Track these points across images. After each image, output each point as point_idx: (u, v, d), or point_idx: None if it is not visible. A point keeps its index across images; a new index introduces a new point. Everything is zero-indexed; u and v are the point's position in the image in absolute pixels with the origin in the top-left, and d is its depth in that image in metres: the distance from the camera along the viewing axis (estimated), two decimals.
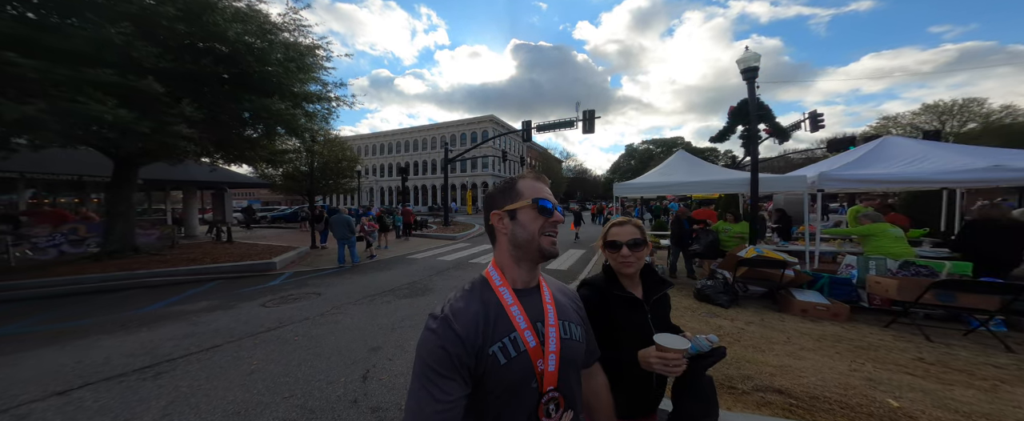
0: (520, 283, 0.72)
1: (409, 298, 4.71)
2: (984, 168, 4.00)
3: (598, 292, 0.99)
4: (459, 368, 0.60)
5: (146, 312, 4.11)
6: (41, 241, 6.58)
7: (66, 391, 2.35)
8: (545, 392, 0.66)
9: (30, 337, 3.34)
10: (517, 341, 0.65)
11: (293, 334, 3.37)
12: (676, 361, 0.79)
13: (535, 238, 0.68)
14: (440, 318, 0.63)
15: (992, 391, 2.11)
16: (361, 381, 2.46)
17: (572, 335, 0.73)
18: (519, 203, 0.70)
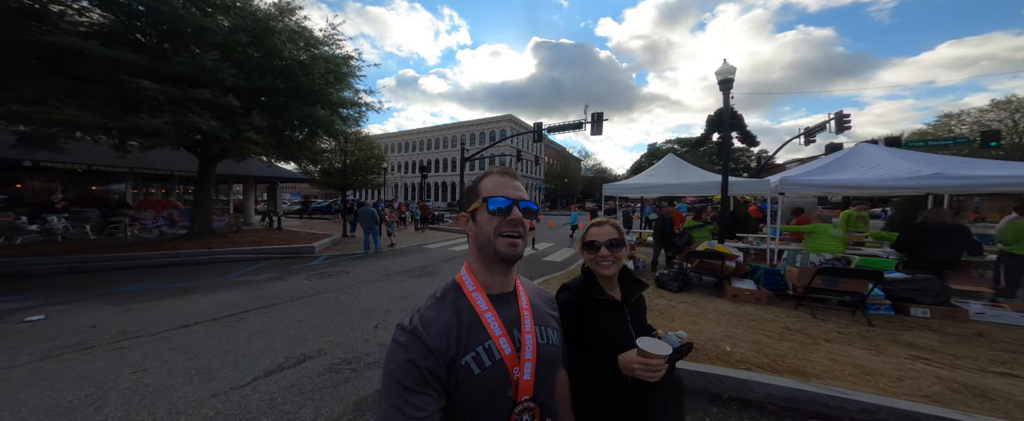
0: (495, 288, 0.68)
1: (418, 278, 5.80)
2: (926, 176, 4.28)
3: (577, 296, 0.97)
4: (431, 381, 0.56)
5: (225, 279, 5.51)
6: (148, 223, 8.49)
7: (187, 325, 3.59)
8: (520, 401, 0.63)
9: (153, 292, 4.78)
10: (492, 349, 0.62)
11: (328, 299, 4.53)
12: (658, 366, 0.78)
13: (491, 240, 0.64)
14: (408, 330, 0.59)
15: (805, 346, 2.75)
16: (373, 329, 3.51)
17: (549, 340, 0.71)
18: (476, 203, 0.66)
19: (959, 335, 3.06)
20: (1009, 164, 4.41)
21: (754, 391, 2.13)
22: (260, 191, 16.20)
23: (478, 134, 41.01)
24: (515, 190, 0.66)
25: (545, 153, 48.34)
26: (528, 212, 0.66)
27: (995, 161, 4.84)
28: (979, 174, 4.16)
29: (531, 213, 0.67)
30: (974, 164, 4.60)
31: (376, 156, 18.78)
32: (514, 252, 0.64)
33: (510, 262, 0.66)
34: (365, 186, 19.79)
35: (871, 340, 2.94)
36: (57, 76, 5.58)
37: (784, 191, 5.37)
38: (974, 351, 2.71)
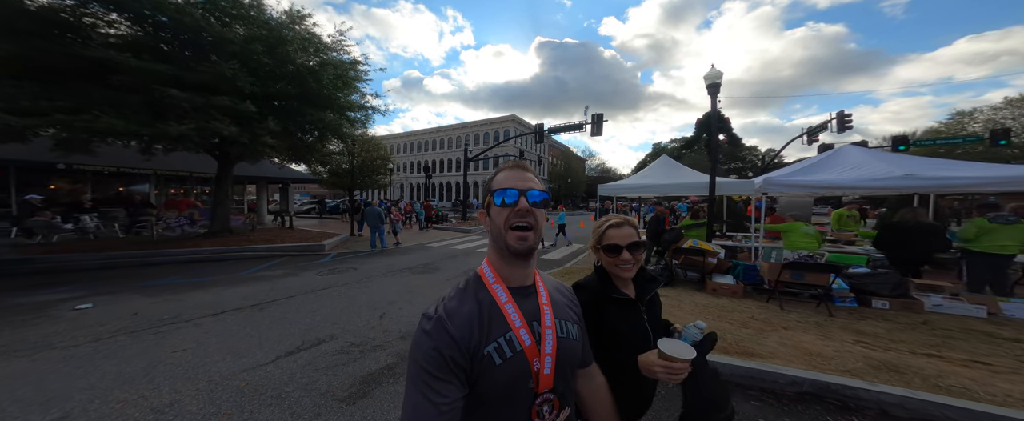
0: (514, 281, 0.69)
1: (421, 274, 6.21)
2: (899, 177, 4.52)
3: (592, 295, 0.95)
4: (455, 370, 0.58)
5: (244, 274, 5.99)
6: (172, 221, 9.10)
7: (215, 314, 4.04)
8: (540, 393, 0.64)
9: (181, 286, 5.26)
10: (513, 340, 0.63)
11: (338, 292, 4.96)
12: (680, 369, 0.76)
13: (502, 233, 0.65)
14: (434, 319, 0.61)
15: (762, 332, 3.08)
16: (379, 319, 3.91)
17: (569, 334, 0.71)
18: (489, 198, 0.68)
19: (908, 323, 3.34)
20: (978, 165, 4.61)
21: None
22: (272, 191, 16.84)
23: (482, 135, 41.42)
24: (524, 181, 0.67)
25: (549, 153, 48.49)
26: (538, 203, 0.66)
27: (968, 162, 5.03)
28: (947, 175, 4.39)
29: (541, 203, 0.67)
30: (944, 165, 4.81)
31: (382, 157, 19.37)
32: (523, 246, 0.64)
33: (521, 255, 0.66)
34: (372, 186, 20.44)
35: (824, 328, 3.24)
36: (94, 86, 6.10)
37: (767, 191, 5.63)
38: (913, 336, 3.00)
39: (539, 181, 0.70)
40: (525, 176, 0.68)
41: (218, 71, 6.61)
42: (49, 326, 3.50)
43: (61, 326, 3.51)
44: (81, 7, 6.20)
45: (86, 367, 2.67)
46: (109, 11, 6.44)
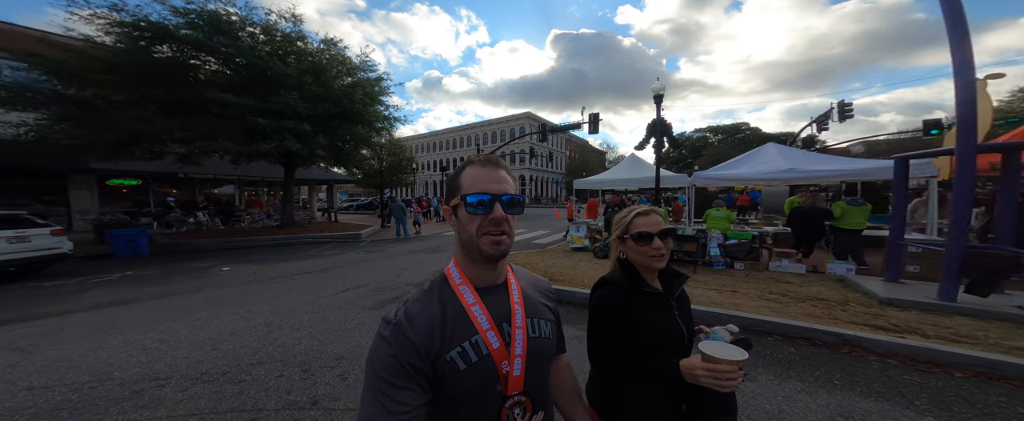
0: (483, 281, 0.66)
1: (431, 253, 8.33)
2: (783, 170, 5.72)
3: (621, 291, 0.88)
4: (415, 376, 0.55)
5: (309, 253, 8.48)
6: (256, 216, 12.13)
7: (298, 274, 6.36)
8: (510, 396, 0.62)
9: (272, 259, 7.77)
10: (479, 344, 0.60)
11: (370, 263, 7.18)
12: (730, 374, 0.68)
13: (474, 240, 0.60)
14: (393, 324, 0.58)
15: None
16: (395, 276, 6.01)
17: (541, 332, 0.69)
18: (456, 199, 0.62)
19: (747, 276, 4.77)
20: (842, 159, 5.67)
21: (561, 297, 4.19)
22: (319, 191, 20.13)
23: (498, 132, 43.12)
24: (497, 183, 0.61)
25: (566, 147, 49.15)
26: (512, 206, 0.61)
27: (839, 157, 6.03)
28: (817, 168, 5.54)
29: (516, 206, 0.61)
30: (819, 159, 5.90)
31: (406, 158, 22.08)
32: (498, 251, 0.60)
33: (495, 260, 0.63)
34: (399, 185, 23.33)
35: (693, 280, 4.79)
36: (211, 117, 8.79)
37: (695, 183, 6.98)
38: (737, 284, 4.46)
39: (512, 178, 0.64)
40: (498, 175, 0.62)
41: (285, 101, 9.04)
42: (211, 279, 6.00)
43: (219, 279, 6.00)
44: (190, 56, 8.91)
45: (246, 296, 4.99)
46: (207, 56, 9.09)
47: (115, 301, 4.54)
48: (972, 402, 2.07)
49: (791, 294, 3.91)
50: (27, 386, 2.41)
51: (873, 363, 2.49)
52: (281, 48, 9.55)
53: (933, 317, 3.00)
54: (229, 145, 8.44)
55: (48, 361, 2.77)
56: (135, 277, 6.04)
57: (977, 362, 2.27)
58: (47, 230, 6.09)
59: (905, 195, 3.96)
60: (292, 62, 9.49)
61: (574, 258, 6.81)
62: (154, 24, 8.19)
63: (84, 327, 3.56)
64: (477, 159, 0.64)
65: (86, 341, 3.17)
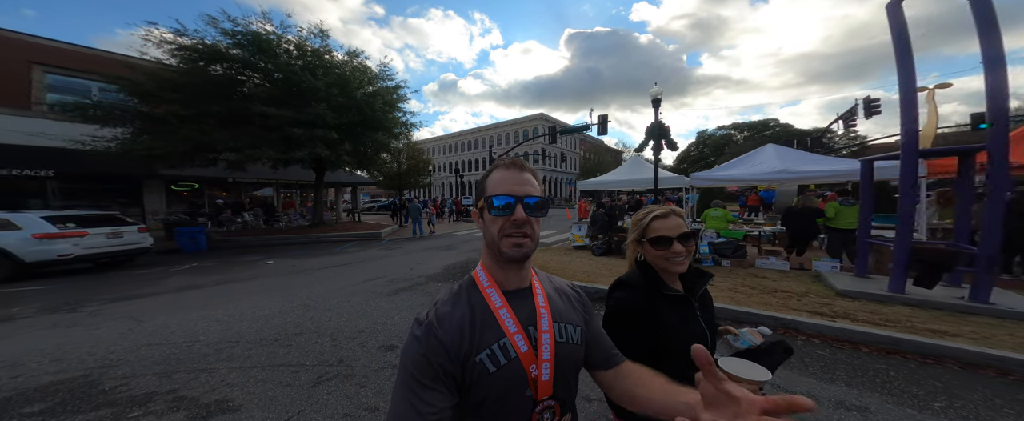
0: (509, 284, 0.67)
1: (443, 250, 9.12)
2: (776, 171, 5.91)
3: (641, 293, 0.87)
4: (443, 378, 0.56)
5: (337, 250, 9.55)
6: (291, 216, 13.56)
7: (328, 267, 7.33)
8: (540, 401, 0.62)
9: (306, 255, 8.88)
10: (507, 347, 0.61)
11: (389, 258, 8.07)
12: None
13: (496, 242, 0.63)
14: (424, 324, 0.60)
15: (617, 273, 5.11)
16: (410, 269, 6.82)
17: (569, 338, 0.68)
18: (482, 201, 0.65)
19: (730, 272, 5.08)
20: (832, 160, 5.75)
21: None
22: (344, 193, 21.70)
23: (511, 134, 43.67)
24: (520, 185, 0.62)
25: (581, 147, 48.83)
26: (536, 208, 0.62)
27: (830, 158, 6.07)
28: (808, 169, 5.69)
29: (539, 209, 0.63)
30: (814, 160, 5.99)
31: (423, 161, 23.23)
32: (519, 253, 0.62)
33: (517, 262, 0.64)
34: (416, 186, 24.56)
35: None
36: (255, 129, 10.06)
37: (693, 185, 7.25)
38: (717, 278, 4.80)
39: (537, 180, 0.66)
40: (522, 178, 0.64)
41: (316, 112, 10.14)
42: (260, 270, 7.08)
43: (266, 270, 7.07)
44: (238, 73, 10.21)
45: (287, 284, 5.96)
46: (251, 72, 10.36)
47: (190, 286, 5.63)
48: (855, 369, 2.45)
49: (760, 287, 4.24)
50: (145, 343, 3.34)
51: (799, 341, 2.87)
52: (311, 62, 10.69)
53: (874, 306, 3.28)
54: (271, 152, 9.66)
55: (154, 327, 3.74)
56: (200, 268, 7.24)
57: (882, 340, 2.61)
58: (135, 227, 7.45)
59: (873, 195, 4.13)
60: (321, 75, 10.56)
61: (572, 255, 7.32)
62: (209, 46, 9.54)
63: (172, 304, 4.59)
64: (503, 162, 0.65)
65: (177, 315, 4.15)
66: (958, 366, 2.35)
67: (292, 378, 2.64)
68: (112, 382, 2.59)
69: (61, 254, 6.25)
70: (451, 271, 6.55)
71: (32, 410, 2.24)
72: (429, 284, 5.63)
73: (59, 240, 6.24)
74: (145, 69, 9.53)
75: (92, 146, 9.30)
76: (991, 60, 2.88)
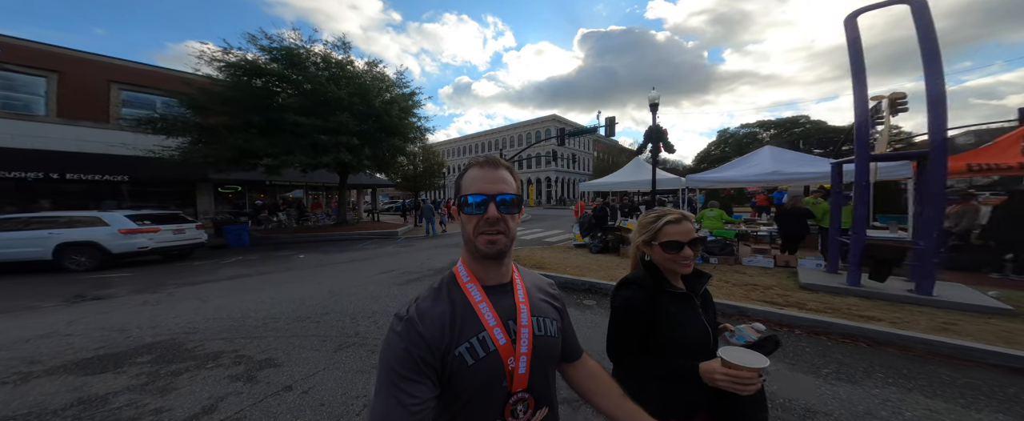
0: (489, 280, 0.68)
1: (452, 247, 9.86)
2: (768, 172, 6.09)
3: (644, 293, 0.91)
4: (425, 370, 0.58)
5: (359, 247, 10.54)
6: (319, 216, 14.88)
7: (351, 261, 8.24)
8: (514, 393, 0.65)
9: (332, 250, 9.90)
10: (486, 340, 0.63)
11: (404, 254, 8.89)
12: (748, 379, 0.70)
13: (471, 238, 0.64)
14: (405, 319, 0.61)
15: (604, 267, 5.53)
16: (421, 263, 7.58)
17: (546, 331, 0.71)
18: (458, 200, 0.66)
19: (714, 268, 5.38)
20: (822, 161, 5.82)
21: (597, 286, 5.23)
22: (365, 194, 23.14)
23: (523, 136, 43.92)
24: (493, 184, 0.63)
25: (594, 147, 48.29)
26: (509, 205, 0.63)
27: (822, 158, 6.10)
28: (801, 170, 5.83)
29: (513, 206, 0.64)
30: (805, 161, 6.08)
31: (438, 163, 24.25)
32: (493, 250, 0.63)
33: (493, 259, 0.66)
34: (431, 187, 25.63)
35: None
36: (288, 135, 11.22)
37: (688, 186, 7.49)
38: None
39: (512, 177, 0.67)
40: (495, 176, 0.64)
41: (339, 120, 11.18)
42: (294, 263, 8.09)
43: (299, 263, 8.08)
44: (274, 85, 11.43)
45: (317, 274, 6.87)
46: (285, 85, 11.55)
47: (239, 275, 6.66)
48: (782, 349, 2.79)
49: (734, 282, 4.55)
50: (211, 317, 4.23)
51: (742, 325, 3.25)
52: (336, 73, 11.74)
53: (828, 297, 3.56)
54: (302, 158, 10.79)
55: (216, 306, 4.65)
56: (244, 261, 8.38)
57: (815, 323, 2.94)
58: (193, 225, 8.72)
59: (840, 195, 4.30)
60: (344, 85, 11.57)
61: (571, 252, 7.79)
62: (250, 61, 10.80)
63: (227, 289, 5.56)
64: (478, 160, 0.66)
65: (231, 297, 5.08)
66: (868, 344, 2.66)
67: (320, 345, 3.37)
68: (192, 344, 3.43)
69: (140, 247, 7.53)
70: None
71: (144, 360, 3.09)
72: (435, 276, 6.22)
73: (138, 235, 7.52)
74: (199, 84, 10.94)
75: (160, 154, 10.82)
76: (934, 98, 3.10)
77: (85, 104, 12.83)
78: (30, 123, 12.01)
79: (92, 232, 7.32)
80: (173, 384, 2.64)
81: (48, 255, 7.13)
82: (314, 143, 11.07)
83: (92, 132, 12.78)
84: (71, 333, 3.70)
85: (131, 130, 12.70)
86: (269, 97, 11.39)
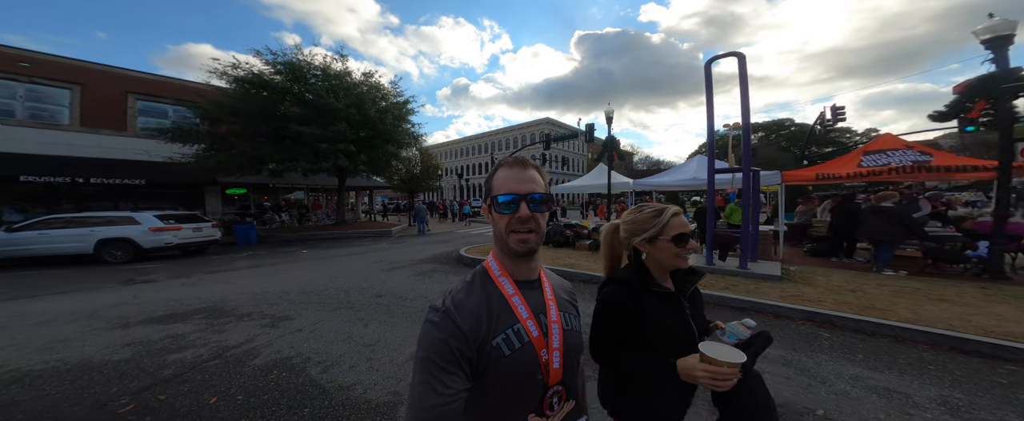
0: (519, 275, 0.71)
1: (437, 244, 11.17)
2: (691, 178, 7.39)
3: (630, 289, 0.91)
4: (461, 361, 0.59)
5: (356, 243, 11.85)
6: (319, 216, 16.18)
7: (350, 254, 9.51)
8: (551, 386, 0.67)
9: (332, 247, 11.16)
10: (520, 332, 0.66)
11: (397, 248, 10.18)
12: (727, 375, 0.71)
13: (503, 236, 0.67)
14: (441, 310, 0.63)
15: (590, 258, 6.87)
16: (407, 257, 8.87)
17: (572, 327, 0.74)
18: (489, 199, 0.69)
19: None
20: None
21: None
22: (362, 196, 24.43)
23: (517, 138, 45.31)
24: (523, 183, 0.66)
25: (588, 149, 49.56)
26: (539, 203, 0.66)
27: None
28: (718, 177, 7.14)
29: (543, 204, 0.66)
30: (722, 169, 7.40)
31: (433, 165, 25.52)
32: (524, 248, 0.66)
33: (524, 256, 0.68)
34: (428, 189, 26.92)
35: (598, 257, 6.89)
36: (290, 142, 12.42)
37: (635, 189, 8.83)
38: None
39: (542, 176, 0.69)
40: (525, 176, 0.67)
41: (339, 129, 12.44)
42: (299, 257, 9.35)
43: (303, 257, 9.35)
44: (279, 98, 12.65)
45: (319, 265, 8.14)
46: (288, 99, 12.80)
47: (253, 266, 7.96)
48: None
49: None
50: (238, 292, 5.52)
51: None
52: (334, 84, 12.98)
53: None
54: (304, 164, 12.07)
55: (240, 287, 5.95)
56: (255, 255, 9.67)
57: None
58: (209, 224, 10.01)
59: (714, 198, 5.57)
60: (342, 96, 12.80)
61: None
62: (257, 75, 12.06)
63: (246, 276, 6.84)
64: (507, 161, 0.69)
65: (250, 281, 6.37)
66: None
67: (321, 307, 4.67)
68: (229, 308, 4.72)
69: (166, 242, 8.82)
70: (438, 258, 8.52)
71: (199, 316, 4.38)
72: (418, 266, 7.63)
73: (165, 232, 8.81)
74: (209, 95, 12.21)
75: (179, 161, 12.09)
76: (746, 130, 4.45)
77: (105, 113, 14.11)
78: (56, 132, 13.29)
79: (127, 230, 8.60)
80: (223, 328, 3.94)
81: (90, 249, 8.40)
82: (315, 150, 12.35)
83: (111, 139, 14.07)
84: (140, 302, 5.00)
85: (146, 137, 14.00)
86: (274, 107, 12.67)
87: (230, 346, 3.43)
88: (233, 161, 11.70)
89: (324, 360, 3.08)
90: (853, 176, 5.40)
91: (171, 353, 3.28)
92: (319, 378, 2.76)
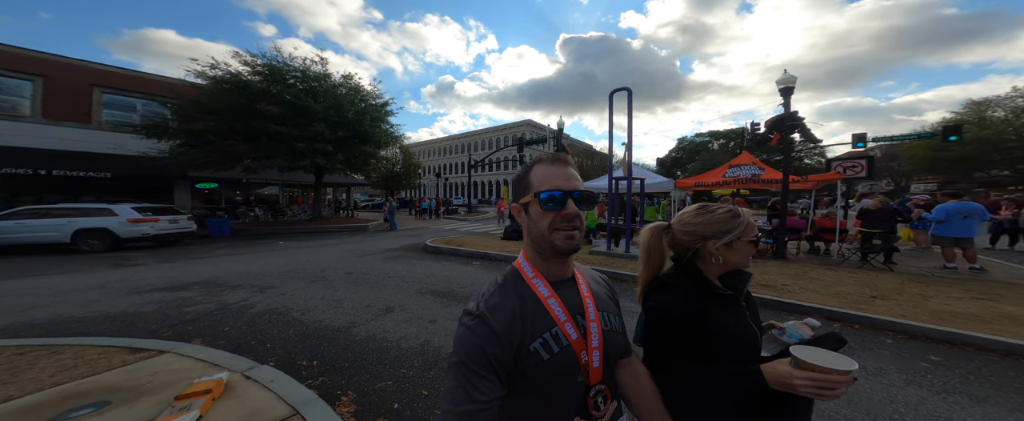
0: (553, 275, 0.70)
1: (410, 238, 12.28)
2: (603, 186, 9.05)
3: (687, 294, 0.84)
4: (496, 368, 0.59)
5: (332, 236, 12.72)
6: (296, 211, 16.75)
7: (327, 245, 10.39)
8: (592, 386, 0.66)
9: (309, 239, 11.97)
10: (559, 336, 0.64)
11: (370, 241, 11.22)
12: (837, 383, 0.63)
13: (546, 235, 0.65)
14: (476, 315, 0.62)
15: (505, 248, 8.34)
16: (375, 246, 9.97)
17: (612, 326, 0.73)
18: (527, 197, 0.67)
19: None
20: (652, 177, 8.92)
21: (488, 255, 7.89)
22: (341, 192, 24.86)
23: (502, 138, 46.72)
24: (567, 180, 0.65)
25: (568, 151, 51.58)
26: (583, 201, 0.65)
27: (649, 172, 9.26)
28: (649, 182, 8.86)
29: (586, 202, 0.65)
30: (652, 177, 9.19)
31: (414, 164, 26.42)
32: (571, 245, 0.64)
33: (567, 255, 0.67)
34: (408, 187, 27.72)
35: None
36: (267, 141, 13.01)
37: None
38: None
39: (578, 174, 0.69)
40: (567, 173, 0.66)
41: (315, 130, 13.20)
42: (276, 247, 10.18)
43: (281, 247, 10.20)
44: (258, 99, 13.18)
45: (297, 252, 9.08)
46: (266, 100, 13.40)
47: (232, 254, 8.80)
48: None
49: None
50: (225, 271, 6.50)
51: None
52: (313, 86, 13.69)
53: (597, 256, 6.46)
54: (281, 162, 12.78)
55: (225, 267, 6.89)
56: (232, 245, 10.40)
57: None
58: (185, 217, 10.61)
59: (613, 200, 7.26)
60: (321, 99, 13.54)
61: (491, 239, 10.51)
62: (236, 76, 12.60)
63: (229, 260, 7.74)
64: (545, 157, 0.67)
65: (234, 264, 7.31)
66: None
67: (299, 280, 5.80)
68: (221, 282, 5.75)
69: (143, 233, 9.41)
70: (406, 248, 9.66)
71: (196, 287, 5.38)
72: (385, 253, 8.80)
73: (143, 223, 9.40)
74: (184, 93, 12.62)
75: (155, 155, 12.42)
76: (628, 148, 6.12)
77: (68, 106, 14.03)
78: (17, 123, 13.14)
79: (104, 221, 9.13)
80: (221, 294, 5.02)
81: (66, 238, 8.87)
82: (292, 149, 13.07)
83: (75, 132, 14.06)
84: (140, 279, 5.91)
85: (111, 130, 14.11)
86: (251, 106, 13.22)
87: (231, 303, 4.56)
88: (209, 157, 12.21)
89: (302, 309, 4.30)
90: (718, 184, 7.25)
91: (186, 307, 4.38)
92: (300, 318, 3.99)
